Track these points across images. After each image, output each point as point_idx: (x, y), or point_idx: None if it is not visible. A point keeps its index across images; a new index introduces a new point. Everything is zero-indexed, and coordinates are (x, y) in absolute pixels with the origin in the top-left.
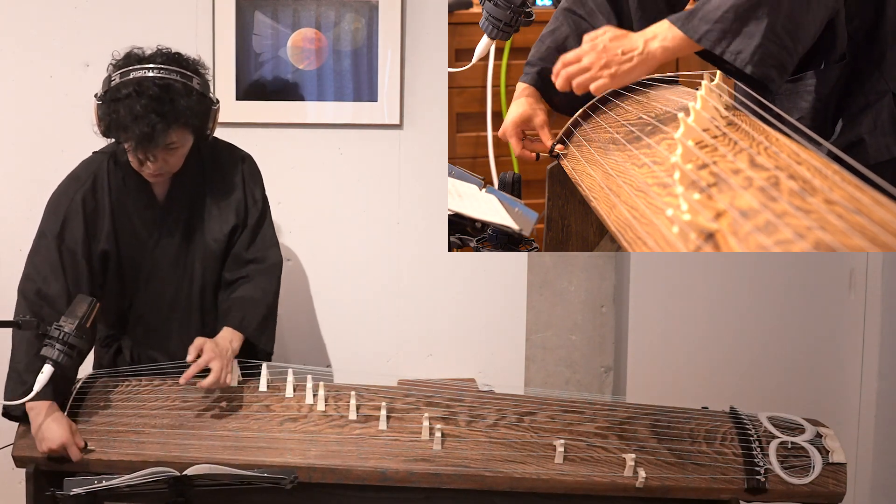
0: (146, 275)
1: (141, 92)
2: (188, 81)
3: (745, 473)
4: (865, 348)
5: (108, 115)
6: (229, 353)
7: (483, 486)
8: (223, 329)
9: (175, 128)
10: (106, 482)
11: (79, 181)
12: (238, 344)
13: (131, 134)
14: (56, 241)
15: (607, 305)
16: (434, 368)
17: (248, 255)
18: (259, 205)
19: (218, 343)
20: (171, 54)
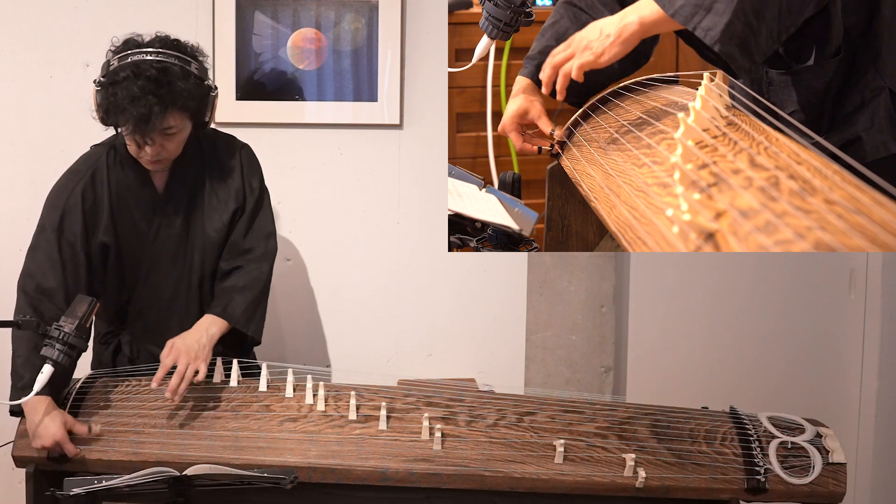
0: (146, 267)
1: (138, 74)
2: (186, 65)
3: (745, 473)
4: (865, 348)
5: (106, 99)
6: (201, 343)
7: (483, 486)
8: (203, 317)
9: (172, 110)
10: (106, 482)
11: (78, 175)
12: (216, 330)
13: (129, 116)
14: (55, 234)
15: (607, 305)
16: (434, 368)
17: (245, 245)
18: (256, 193)
19: (187, 336)
20: (170, 40)
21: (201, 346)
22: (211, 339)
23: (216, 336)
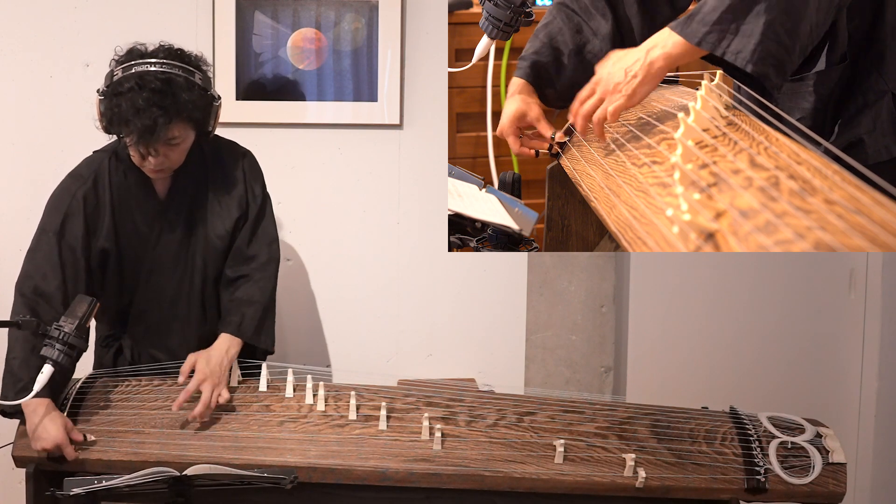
0: (147, 272)
1: (143, 85)
2: (190, 76)
3: (745, 473)
4: (865, 348)
5: (110, 110)
6: (223, 367)
7: (483, 486)
8: (220, 337)
9: (177, 121)
10: (106, 482)
11: (80, 179)
12: (235, 350)
13: (133, 127)
14: (56, 237)
15: (607, 305)
16: (434, 368)
17: (249, 252)
18: (259, 200)
19: (211, 358)
20: (174, 50)
21: (223, 370)
22: (231, 360)
23: (235, 357)
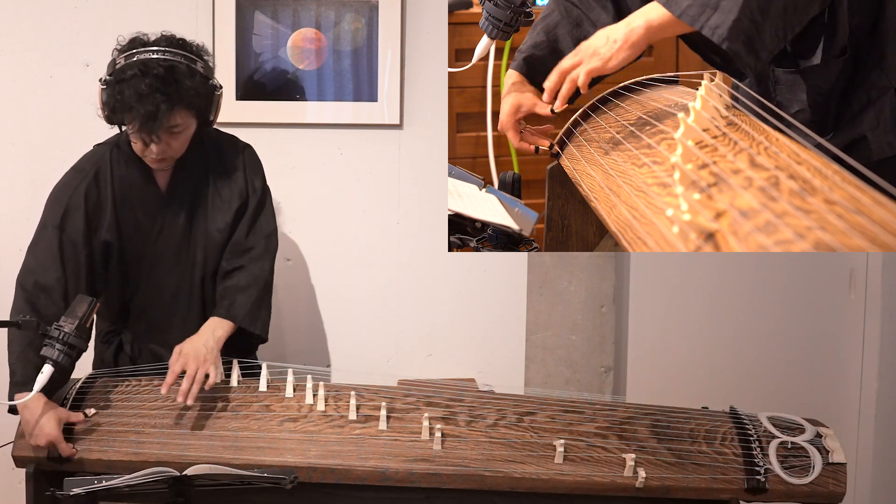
0: (148, 265)
1: (146, 72)
2: (192, 64)
3: (745, 473)
4: (865, 348)
5: (112, 97)
6: (209, 346)
7: (483, 486)
8: (208, 320)
9: (179, 108)
10: (106, 482)
11: (82, 173)
12: (223, 332)
13: (136, 114)
14: (57, 231)
15: (607, 305)
16: (434, 368)
17: (247, 244)
18: (258, 193)
19: (195, 339)
20: (176, 39)
21: (209, 349)
22: (218, 341)
23: (223, 338)
